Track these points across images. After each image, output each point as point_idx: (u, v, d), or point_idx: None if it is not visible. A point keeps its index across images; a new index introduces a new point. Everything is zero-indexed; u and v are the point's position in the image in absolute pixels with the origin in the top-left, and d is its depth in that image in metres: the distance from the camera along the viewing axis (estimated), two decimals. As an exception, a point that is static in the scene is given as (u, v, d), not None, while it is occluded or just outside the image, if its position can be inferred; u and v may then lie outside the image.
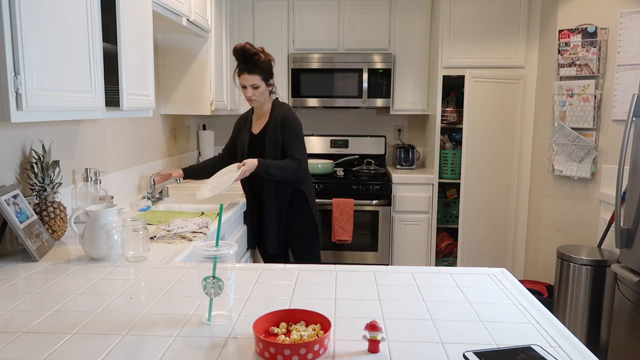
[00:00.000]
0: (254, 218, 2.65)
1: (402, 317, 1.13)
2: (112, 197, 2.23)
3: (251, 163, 2.34)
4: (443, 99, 3.76)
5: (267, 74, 2.46)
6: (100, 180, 2.16)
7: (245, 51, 2.40)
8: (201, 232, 1.90)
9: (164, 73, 3.19)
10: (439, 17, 3.65)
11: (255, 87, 2.43)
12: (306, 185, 2.57)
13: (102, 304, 1.20)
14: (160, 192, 2.72)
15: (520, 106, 3.68)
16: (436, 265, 3.83)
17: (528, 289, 1.33)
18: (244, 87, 2.45)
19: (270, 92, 2.54)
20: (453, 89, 3.92)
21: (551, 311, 1.44)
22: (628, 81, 2.96)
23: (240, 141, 2.61)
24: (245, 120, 2.66)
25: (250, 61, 2.41)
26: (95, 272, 1.44)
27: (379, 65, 3.84)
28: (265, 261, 2.74)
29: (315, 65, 3.85)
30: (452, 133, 4.04)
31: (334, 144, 4.20)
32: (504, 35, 3.63)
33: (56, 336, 1.03)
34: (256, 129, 2.57)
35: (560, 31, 3.27)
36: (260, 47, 2.50)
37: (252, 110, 2.65)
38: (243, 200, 2.67)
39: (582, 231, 3.26)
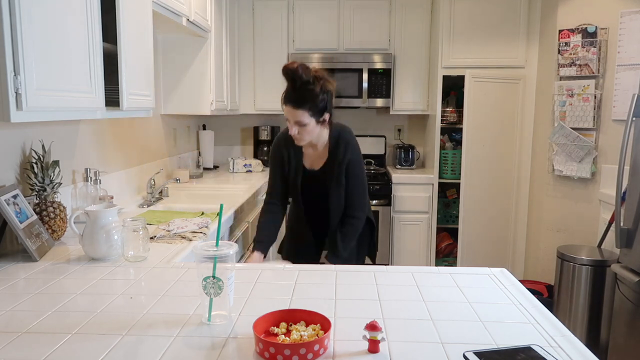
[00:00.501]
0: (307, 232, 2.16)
1: (402, 317, 1.13)
2: (112, 197, 2.23)
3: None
4: (443, 99, 3.76)
5: (319, 110, 1.90)
6: (100, 180, 2.16)
7: (296, 77, 1.85)
8: (201, 232, 1.90)
9: (164, 73, 3.19)
10: (439, 17, 3.65)
11: (301, 125, 1.89)
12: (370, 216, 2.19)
13: (102, 304, 1.20)
14: (160, 192, 2.72)
15: (520, 106, 3.68)
16: (436, 265, 3.83)
17: (528, 289, 1.33)
18: (287, 119, 1.92)
19: (327, 122, 2.00)
20: (453, 89, 3.92)
21: (551, 311, 1.43)
22: (628, 81, 2.96)
23: (293, 178, 2.07)
24: (292, 146, 2.04)
25: (298, 90, 1.86)
26: (95, 272, 1.44)
27: (379, 65, 3.83)
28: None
29: (315, 65, 3.84)
30: (452, 133, 4.04)
31: (334, 144, 4.19)
32: (504, 35, 3.63)
33: (56, 336, 1.03)
34: (311, 164, 2.06)
35: (560, 31, 3.27)
36: (319, 71, 1.92)
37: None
38: (246, 198, 2.66)
39: (582, 231, 3.26)
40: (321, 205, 2.07)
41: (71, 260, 1.55)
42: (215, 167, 4.06)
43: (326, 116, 1.96)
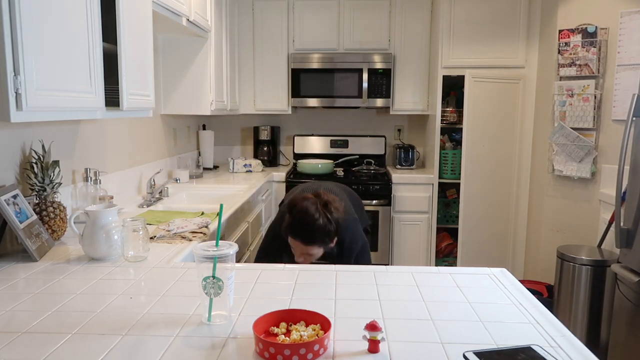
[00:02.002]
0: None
1: (402, 317, 1.13)
2: (112, 197, 2.23)
3: None
4: (443, 99, 3.76)
5: (330, 239, 1.85)
6: (100, 180, 2.16)
7: (308, 218, 1.78)
8: (201, 232, 1.90)
9: (164, 73, 3.19)
10: (439, 17, 3.65)
11: (310, 254, 1.85)
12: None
13: (102, 304, 1.20)
14: (160, 192, 2.72)
15: (520, 106, 3.68)
16: (436, 265, 3.83)
17: (528, 289, 1.33)
18: (293, 248, 1.87)
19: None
20: (453, 89, 3.92)
21: (551, 311, 1.43)
22: (628, 81, 2.96)
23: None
24: (287, 248, 1.94)
25: (308, 230, 1.80)
26: (95, 272, 1.44)
27: (379, 65, 3.83)
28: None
29: (315, 65, 3.85)
30: (452, 133, 4.04)
31: (334, 144, 4.20)
32: (504, 35, 3.63)
33: (56, 336, 1.03)
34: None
35: (560, 31, 3.27)
36: (324, 197, 1.84)
37: None
38: (246, 198, 2.66)
39: (582, 231, 3.26)
40: None
41: (71, 260, 1.55)
42: (215, 167, 4.06)
43: (334, 240, 1.89)
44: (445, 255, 3.97)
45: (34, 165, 1.70)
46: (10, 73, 1.22)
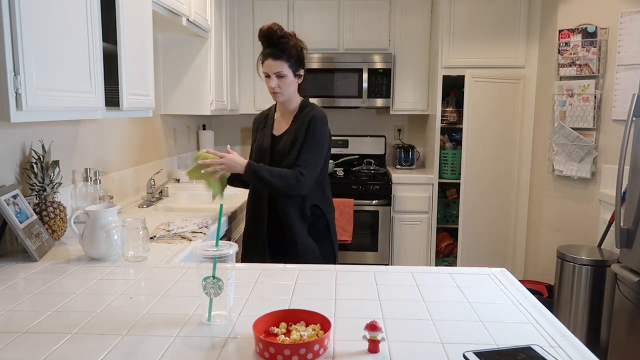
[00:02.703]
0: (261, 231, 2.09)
1: (402, 317, 1.13)
2: (112, 197, 2.23)
3: (237, 160, 1.96)
4: (443, 99, 3.76)
5: (296, 62, 2.04)
6: (100, 180, 2.16)
7: (272, 33, 2.03)
8: (201, 232, 1.90)
9: (164, 73, 3.19)
10: (439, 17, 3.65)
11: (280, 76, 2.02)
12: (325, 206, 2.13)
13: (102, 304, 1.20)
14: (160, 192, 2.72)
15: (520, 106, 3.68)
16: (436, 265, 3.83)
17: (528, 289, 1.33)
18: (267, 76, 2.04)
19: (299, 87, 2.13)
20: (453, 89, 3.92)
21: (551, 311, 1.44)
22: (628, 81, 2.96)
23: (259, 144, 2.13)
24: (265, 118, 2.19)
25: (276, 45, 2.03)
26: (95, 272, 1.44)
27: (379, 65, 3.83)
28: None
29: (315, 65, 3.85)
30: (452, 133, 4.04)
31: (333, 144, 4.20)
32: (504, 35, 3.63)
33: (56, 336, 1.03)
34: (278, 129, 2.11)
35: (560, 31, 3.27)
36: (292, 30, 2.10)
37: (274, 108, 2.20)
38: (245, 198, 2.66)
39: (582, 231, 3.26)
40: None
41: (71, 260, 1.55)
42: (215, 167, 4.05)
43: (301, 71, 2.09)
44: (445, 255, 3.97)
45: (34, 165, 1.70)
46: (10, 73, 1.22)
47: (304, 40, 2.12)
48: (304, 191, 1.99)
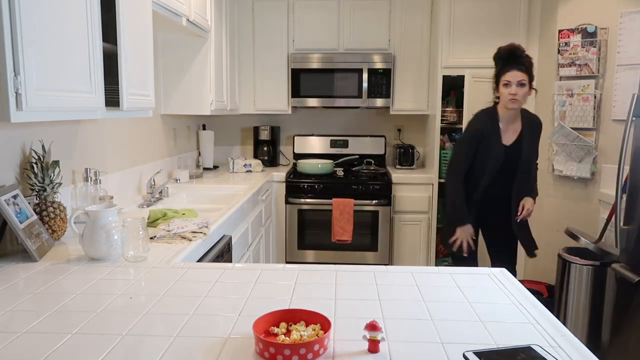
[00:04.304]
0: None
1: (402, 317, 1.13)
2: (112, 197, 2.23)
3: (530, 203, 2.53)
4: (443, 99, 3.76)
5: (532, 76, 2.46)
6: (100, 180, 2.16)
7: (515, 49, 2.46)
8: (201, 232, 1.90)
9: (164, 73, 3.19)
10: (439, 17, 3.65)
11: (521, 84, 2.41)
12: None
13: (102, 304, 1.20)
14: (160, 192, 2.72)
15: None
16: (436, 265, 3.83)
17: (528, 289, 1.33)
18: (506, 85, 2.43)
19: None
20: (453, 89, 3.92)
21: (551, 311, 1.44)
22: (628, 81, 2.96)
23: (493, 155, 2.49)
24: (490, 128, 2.52)
25: (519, 60, 2.43)
26: (95, 272, 1.44)
27: (378, 65, 3.83)
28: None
29: (315, 65, 3.85)
30: (452, 133, 4.04)
31: (334, 144, 4.20)
32: (503, 35, 3.63)
33: (56, 336, 1.03)
34: (507, 139, 2.51)
35: (560, 31, 3.27)
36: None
37: (495, 118, 2.53)
38: (246, 197, 2.66)
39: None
40: (505, 183, 2.53)
41: (71, 260, 1.55)
42: (215, 167, 4.06)
43: (533, 85, 2.49)
44: (445, 255, 3.96)
45: (34, 165, 1.70)
46: (10, 73, 1.22)
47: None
48: None
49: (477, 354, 0.94)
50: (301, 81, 3.87)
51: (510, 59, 2.44)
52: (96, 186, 2.13)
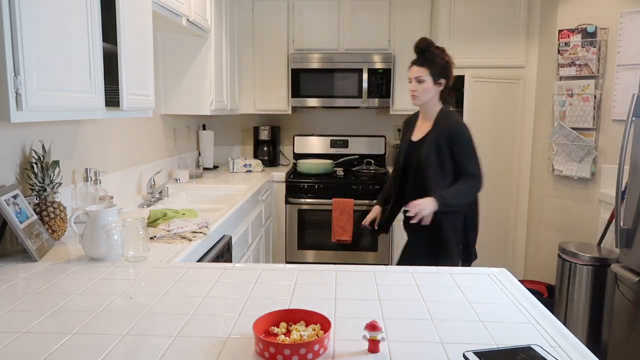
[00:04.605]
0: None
1: (402, 317, 1.13)
2: (112, 197, 2.23)
3: (428, 205, 2.05)
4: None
5: (437, 71, 2.21)
6: (100, 180, 2.16)
7: (419, 43, 2.28)
8: (201, 232, 1.90)
9: (164, 73, 3.19)
10: (439, 17, 3.65)
11: (419, 81, 2.21)
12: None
13: (102, 304, 1.20)
14: (160, 192, 2.72)
15: (520, 106, 3.68)
16: (436, 265, 3.82)
17: (528, 289, 1.33)
18: (410, 81, 2.27)
19: (441, 96, 2.27)
20: (453, 89, 3.91)
21: (551, 311, 1.44)
22: (628, 81, 2.96)
23: (402, 148, 2.35)
24: (408, 124, 2.42)
25: (421, 53, 2.25)
26: (95, 272, 1.44)
27: (378, 65, 3.83)
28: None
29: (315, 65, 3.85)
30: (452, 133, 4.04)
31: (333, 144, 4.20)
32: (503, 35, 3.63)
33: (56, 336, 1.03)
34: (416, 135, 2.30)
35: (560, 31, 3.27)
36: (443, 47, 2.33)
37: (418, 113, 2.40)
38: (246, 197, 2.66)
39: (582, 231, 3.26)
40: (418, 180, 2.22)
41: (71, 260, 1.55)
42: (215, 167, 4.06)
43: (442, 81, 2.22)
44: (445, 255, 3.96)
45: (34, 165, 1.70)
46: (10, 73, 1.22)
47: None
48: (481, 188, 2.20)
49: (477, 354, 0.94)
50: (301, 81, 3.87)
51: (417, 54, 2.28)
52: (96, 186, 2.13)
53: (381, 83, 3.85)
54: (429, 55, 2.22)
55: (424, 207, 2.06)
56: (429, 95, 2.23)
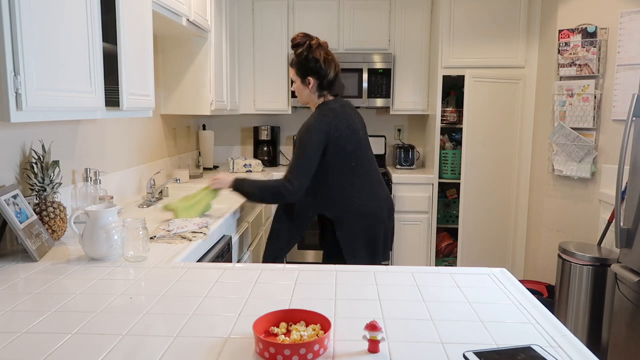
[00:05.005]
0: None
1: (402, 317, 1.13)
2: (112, 197, 2.23)
3: (223, 180, 2.13)
4: (443, 99, 3.76)
5: (301, 70, 2.15)
6: (100, 180, 2.16)
7: (291, 41, 2.21)
8: (201, 232, 1.90)
9: (164, 73, 3.19)
10: (439, 17, 3.65)
11: (293, 81, 2.22)
12: (337, 212, 2.18)
13: (102, 304, 1.20)
14: (160, 192, 2.72)
15: (520, 106, 3.68)
16: (436, 265, 3.83)
17: (528, 289, 1.33)
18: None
19: (319, 96, 2.17)
20: (453, 89, 3.92)
21: (551, 311, 1.44)
22: (628, 81, 2.96)
23: None
24: None
25: (294, 53, 2.19)
26: (95, 272, 1.44)
27: (379, 65, 3.83)
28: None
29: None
30: (452, 133, 4.04)
31: (334, 144, 4.19)
32: (504, 35, 3.63)
33: (56, 336, 1.03)
34: None
35: (560, 31, 3.27)
36: (315, 39, 2.17)
37: None
38: (243, 200, 2.65)
39: (582, 231, 3.26)
40: None
41: (71, 260, 1.55)
42: (215, 167, 4.06)
43: (309, 80, 2.14)
44: (445, 255, 3.97)
45: (34, 165, 1.70)
46: (10, 73, 1.22)
47: (319, 51, 2.14)
48: (290, 199, 2.09)
49: (477, 354, 0.94)
50: (301, 81, 3.87)
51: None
52: (96, 186, 2.13)
53: (381, 83, 3.85)
54: (296, 56, 2.18)
55: (219, 181, 2.16)
56: (304, 94, 2.19)
